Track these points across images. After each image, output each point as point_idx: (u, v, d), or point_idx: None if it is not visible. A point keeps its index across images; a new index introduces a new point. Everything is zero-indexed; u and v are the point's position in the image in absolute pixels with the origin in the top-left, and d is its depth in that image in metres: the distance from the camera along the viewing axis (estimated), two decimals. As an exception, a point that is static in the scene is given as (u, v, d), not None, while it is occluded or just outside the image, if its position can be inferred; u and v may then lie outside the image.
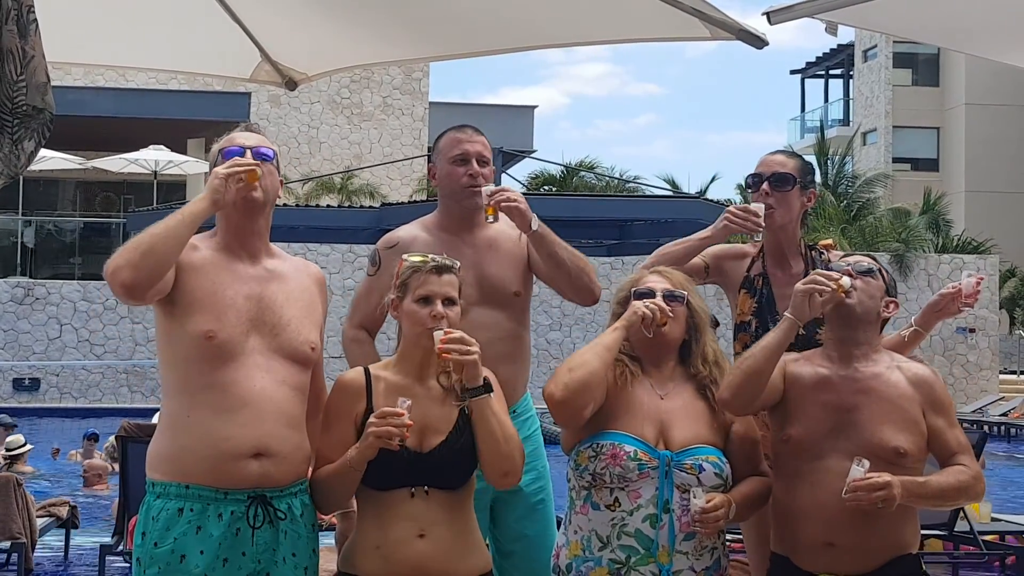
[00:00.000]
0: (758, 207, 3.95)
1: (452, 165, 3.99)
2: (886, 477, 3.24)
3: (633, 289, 3.57)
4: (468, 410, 3.26)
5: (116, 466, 12.85)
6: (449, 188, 4.01)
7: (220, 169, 3.23)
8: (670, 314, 3.45)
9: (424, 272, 3.31)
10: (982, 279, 4.14)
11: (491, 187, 3.86)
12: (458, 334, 3.18)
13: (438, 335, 3.18)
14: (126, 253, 3.09)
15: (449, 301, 3.28)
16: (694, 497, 3.30)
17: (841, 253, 4.15)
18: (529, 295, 4.10)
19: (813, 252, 4.09)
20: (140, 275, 3.08)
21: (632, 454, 3.34)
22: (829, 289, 3.43)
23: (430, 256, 3.36)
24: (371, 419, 3.13)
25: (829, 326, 3.60)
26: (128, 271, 3.07)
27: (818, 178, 32.76)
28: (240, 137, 3.40)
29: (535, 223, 3.84)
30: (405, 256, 3.40)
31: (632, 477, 3.34)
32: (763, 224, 3.93)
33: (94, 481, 12.65)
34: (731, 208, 3.97)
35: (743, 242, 4.24)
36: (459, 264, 3.38)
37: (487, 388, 3.23)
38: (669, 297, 3.50)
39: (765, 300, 4.01)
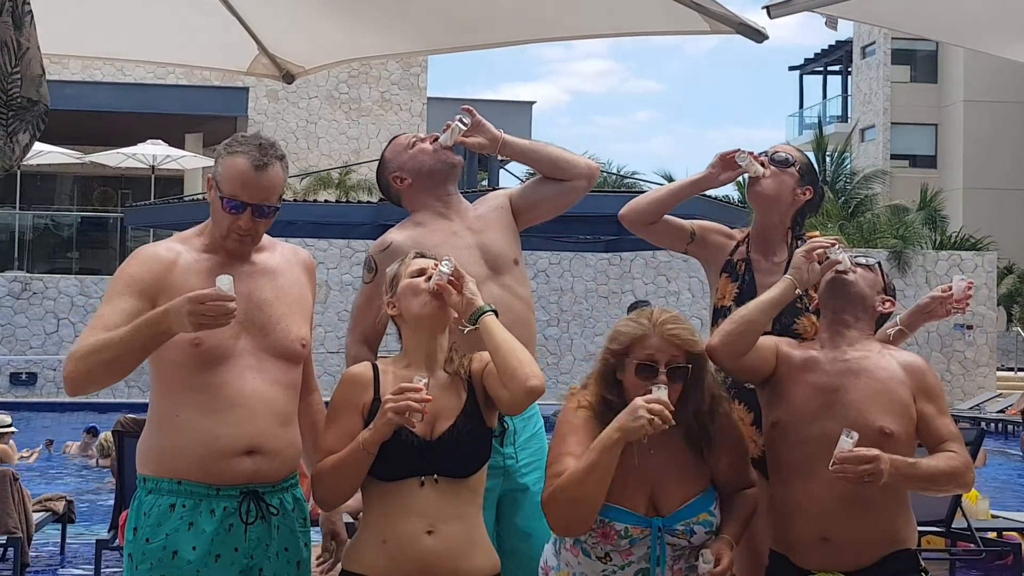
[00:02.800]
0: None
1: (414, 148, 4.03)
2: (874, 451, 3.21)
3: (636, 362, 3.32)
4: (474, 378, 3.26)
5: (103, 462, 12.90)
6: (429, 166, 4.01)
7: (195, 304, 2.95)
8: (672, 422, 3.19)
9: (409, 259, 3.35)
10: (972, 284, 4.11)
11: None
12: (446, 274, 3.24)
13: (435, 274, 3.22)
14: (92, 367, 3.03)
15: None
16: (703, 561, 3.25)
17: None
18: (524, 266, 4.12)
19: (799, 243, 4.07)
20: (93, 388, 3.08)
21: (623, 532, 3.28)
22: (827, 245, 3.52)
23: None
24: (388, 396, 3.09)
25: (824, 308, 3.60)
26: (86, 386, 3.06)
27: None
28: (247, 180, 3.19)
29: (501, 132, 4.02)
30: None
31: (623, 547, 3.29)
32: (759, 168, 3.96)
33: None
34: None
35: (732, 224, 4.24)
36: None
37: (490, 307, 3.24)
38: (673, 373, 3.29)
39: (747, 286, 3.98)
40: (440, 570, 3.14)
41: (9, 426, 12.59)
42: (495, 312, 3.24)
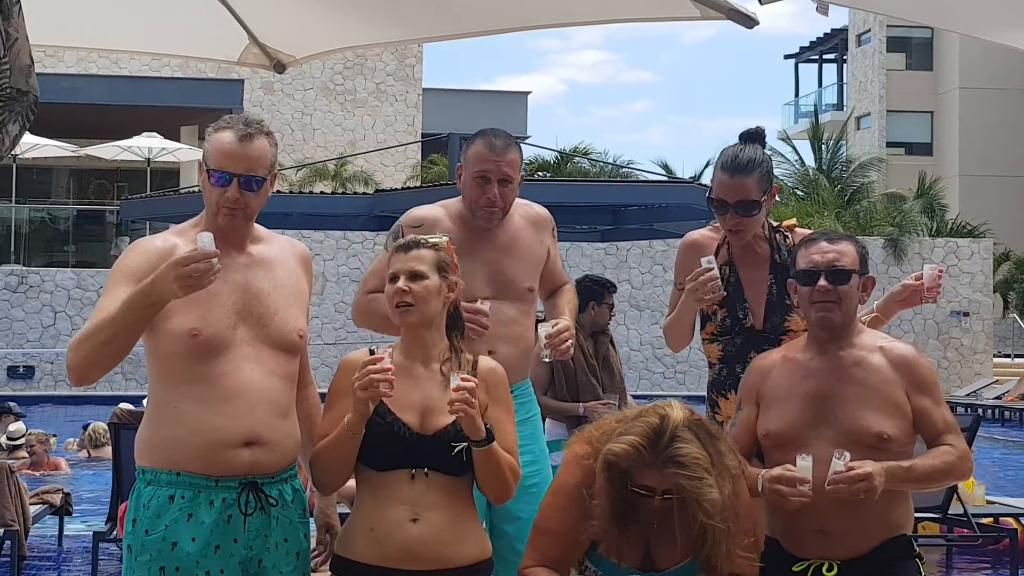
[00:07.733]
0: (707, 261, 3.81)
1: (474, 180, 3.93)
2: (867, 468, 3.21)
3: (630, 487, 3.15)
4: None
5: (94, 452, 12.92)
6: (469, 200, 3.96)
7: (179, 267, 2.98)
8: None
9: (393, 251, 3.33)
10: (943, 271, 4.08)
11: (550, 327, 3.85)
12: (471, 384, 3.11)
13: (455, 380, 3.11)
14: (90, 351, 3.09)
15: (415, 275, 3.25)
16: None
17: (808, 232, 4.09)
18: (538, 290, 4.12)
19: (778, 235, 4.04)
20: (96, 372, 3.13)
21: None
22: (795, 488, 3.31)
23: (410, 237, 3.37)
24: (353, 376, 3.11)
25: (810, 327, 3.56)
26: (88, 371, 3.12)
27: (812, 163, 32.78)
28: (232, 151, 3.21)
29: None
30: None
31: None
32: (719, 280, 3.81)
33: None
34: (687, 283, 3.84)
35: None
36: (444, 239, 3.36)
37: (489, 438, 3.15)
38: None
39: (732, 288, 3.97)
40: (424, 556, 3.16)
41: (21, 437, 12.68)
42: (492, 439, 3.18)
